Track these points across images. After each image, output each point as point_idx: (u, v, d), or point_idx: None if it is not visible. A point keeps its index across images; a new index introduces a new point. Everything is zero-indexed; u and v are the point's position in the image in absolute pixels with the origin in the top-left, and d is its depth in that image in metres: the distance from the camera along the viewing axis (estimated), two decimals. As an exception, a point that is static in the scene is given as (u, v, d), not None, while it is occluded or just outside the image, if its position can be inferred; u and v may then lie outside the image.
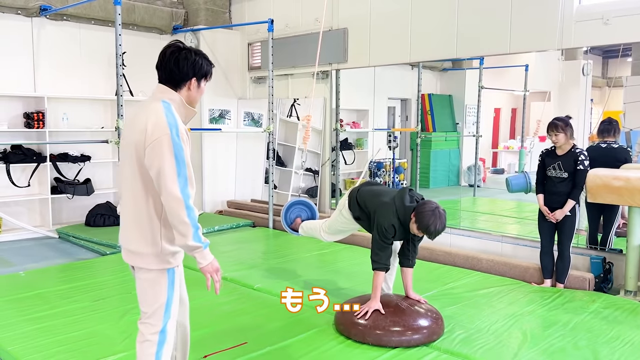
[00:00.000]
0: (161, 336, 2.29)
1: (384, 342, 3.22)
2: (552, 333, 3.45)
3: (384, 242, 3.37)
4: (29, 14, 6.52)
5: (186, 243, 2.13)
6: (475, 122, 7.40)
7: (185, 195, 2.11)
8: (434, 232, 3.19)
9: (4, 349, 3.20)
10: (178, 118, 2.18)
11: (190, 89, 2.27)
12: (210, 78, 2.35)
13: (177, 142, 2.11)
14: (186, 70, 2.24)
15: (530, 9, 5.02)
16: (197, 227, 2.14)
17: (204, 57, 2.31)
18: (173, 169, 2.09)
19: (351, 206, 3.73)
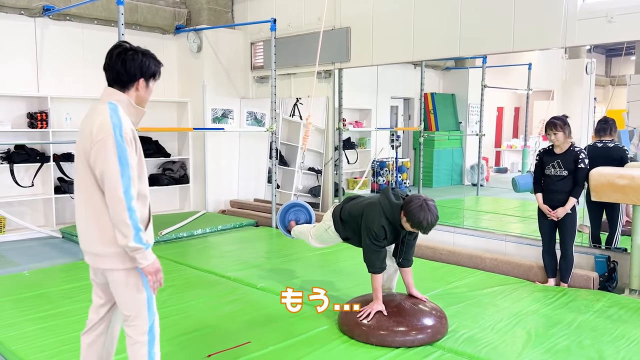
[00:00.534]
0: (150, 335, 2.30)
1: (388, 342, 3.21)
2: (557, 332, 3.43)
3: (376, 245, 3.28)
4: (32, 14, 6.53)
5: (127, 244, 2.12)
6: (478, 121, 7.39)
7: (128, 196, 2.11)
8: (427, 226, 3.11)
9: (8, 349, 3.20)
10: (124, 119, 2.18)
11: (138, 90, 2.28)
12: (158, 78, 2.36)
13: (121, 143, 2.12)
14: (133, 71, 2.24)
15: (533, 7, 5.00)
16: (139, 229, 2.13)
17: (152, 57, 2.32)
18: (116, 169, 2.10)
19: (337, 227, 3.64)
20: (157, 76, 2.34)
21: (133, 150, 2.18)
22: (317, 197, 7.32)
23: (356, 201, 3.58)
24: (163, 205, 7.84)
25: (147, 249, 2.17)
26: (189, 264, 5.09)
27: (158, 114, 7.75)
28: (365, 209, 3.36)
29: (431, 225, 3.12)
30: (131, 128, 2.20)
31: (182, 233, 6.32)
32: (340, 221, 3.60)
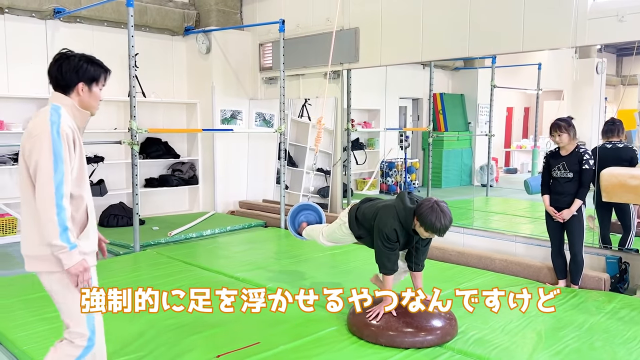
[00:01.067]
0: (89, 343, 2.29)
1: (397, 343, 3.21)
2: (568, 334, 3.41)
3: (387, 248, 3.27)
4: (43, 16, 6.59)
5: (51, 242, 2.10)
6: (487, 122, 7.35)
7: (59, 193, 2.10)
8: (441, 228, 3.06)
9: (19, 348, 3.23)
10: (64, 119, 2.19)
11: (80, 94, 2.29)
12: (103, 82, 2.36)
13: (57, 139, 2.12)
14: (70, 76, 2.27)
15: (543, 7, 4.97)
16: (66, 228, 2.11)
17: (92, 62, 2.33)
18: (50, 165, 2.10)
19: (351, 225, 3.64)
20: (100, 81, 2.35)
21: (71, 150, 2.18)
22: (325, 198, 7.32)
23: (372, 203, 3.59)
24: (172, 206, 7.87)
25: (71, 249, 2.13)
26: (198, 265, 5.10)
27: (167, 115, 7.80)
28: (380, 211, 3.36)
29: (445, 226, 3.06)
30: (71, 127, 2.20)
31: (191, 234, 6.34)
32: (355, 220, 3.60)
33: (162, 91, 7.69)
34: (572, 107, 6.48)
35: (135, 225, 5.59)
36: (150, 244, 5.87)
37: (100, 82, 2.35)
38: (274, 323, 3.60)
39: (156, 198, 7.62)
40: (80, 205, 2.26)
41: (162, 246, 5.89)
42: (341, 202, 7.14)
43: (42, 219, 2.11)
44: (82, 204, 2.28)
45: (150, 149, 7.44)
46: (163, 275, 4.73)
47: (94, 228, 2.35)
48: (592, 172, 4.22)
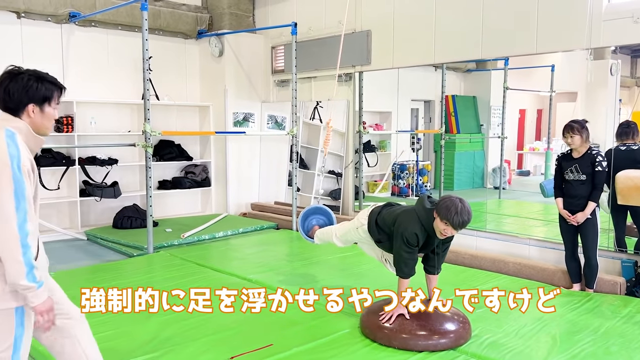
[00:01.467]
0: None
1: (410, 346, 3.20)
2: (583, 338, 3.38)
3: (407, 252, 3.25)
4: (58, 20, 6.68)
5: (18, 282, 2.02)
6: (500, 124, 7.32)
7: (23, 232, 2.01)
8: (458, 221, 3.03)
9: (36, 348, 3.26)
10: (22, 149, 2.04)
11: (31, 116, 2.12)
12: (56, 101, 2.19)
13: (18, 175, 1.99)
14: (18, 97, 2.10)
15: (557, 8, 4.94)
16: (32, 267, 2.03)
17: (43, 80, 2.16)
18: (11, 203, 1.98)
19: (370, 229, 3.61)
20: (53, 100, 2.18)
21: (30, 183, 2.06)
22: (337, 200, 7.32)
23: (393, 208, 3.57)
24: (185, 208, 7.93)
25: (39, 287, 2.05)
26: (211, 266, 5.13)
27: (180, 118, 7.86)
28: (400, 216, 3.35)
29: (461, 220, 3.03)
30: (30, 159, 2.08)
31: (204, 235, 6.38)
32: (375, 224, 3.57)
33: (175, 94, 7.76)
34: (586, 109, 6.43)
35: (149, 227, 5.64)
36: (163, 246, 5.92)
37: (53, 101, 2.18)
38: (286, 325, 3.61)
39: (169, 200, 7.67)
40: (34, 235, 2.13)
41: (175, 248, 5.93)
42: (353, 204, 7.14)
43: (6, 258, 2.01)
44: (36, 237, 2.16)
45: (163, 152, 7.50)
46: (177, 277, 4.76)
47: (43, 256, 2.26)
48: (606, 174, 4.18)
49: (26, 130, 2.11)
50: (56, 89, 2.20)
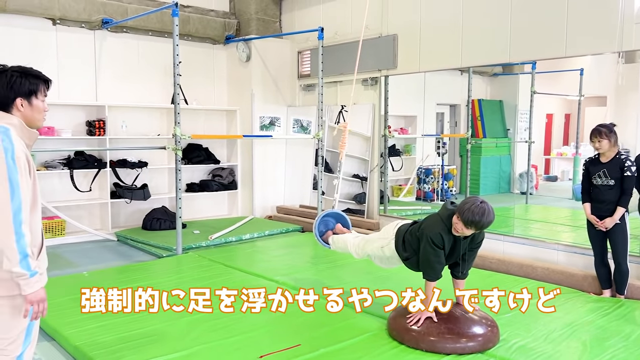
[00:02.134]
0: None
1: (438, 348, 3.21)
2: (614, 344, 3.34)
3: (432, 253, 3.26)
4: (91, 26, 6.87)
5: (11, 269, 2.08)
6: (527, 128, 7.25)
7: (17, 220, 2.08)
8: (479, 224, 3.05)
9: (72, 344, 3.38)
10: (17, 142, 2.14)
11: (20, 110, 2.22)
12: (42, 93, 2.28)
13: (12, 165, 2.08)
14: (4, 93, 2.20)
15: (587, 11, 4.89)
16: (26, 255, 2.09)
17: (27, 74, 2.25)
18: (6, 193, 2.07)
19: (398, 248, 3.61)
20: (39, 93, 2.26)
21: (26, 174, 2.14)
22: (361, 204, 7.34)
23: (418, 224, 3.56)
24: (212, 210, 8.05)
25: (31, 276, 2.12)
26: (239, 268, 5.21)
27: (208, 122, 7.99)
28: (425, 221, 3.39)
29: (480, 221, 3.05)
30: (24, 151, 2.16)
31: (231, 237, 6.47)
32: (402, 242, 3.57)
33: (203, 98, 7.89)
34: (616, 113, 6.35)
35: (178, 229, 5.75)
36: (191, 247, 6.02)
37: (40, 93, 2.27)
38: (314, 326, 3.65)
39: (196, 202, 7.80)
40: (36, 229, 2.23)
41: (203, 249, 6.03)
42: (378, 208, 7.15)
43: (2, 245, 2.07)
44: (38, 228, 2.26)
45: (191, 155, 7.63)
46: (206, 277, 4.85)
47: (45, 252, 2.33)
48: (634, 178, 4.12)
49: (19, 125, 2.21)
50: (41, 81, 2.29)
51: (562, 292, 4.40)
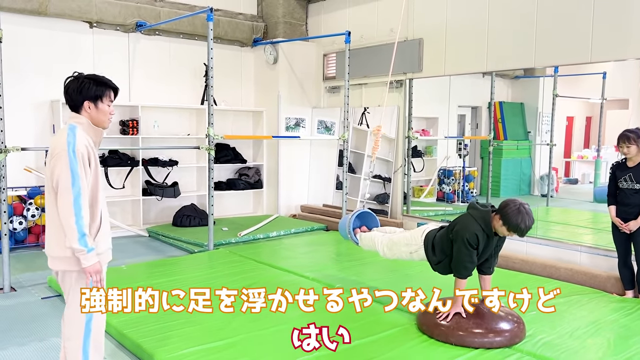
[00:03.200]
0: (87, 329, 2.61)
1: (467, 342, 3.36)
2: (637, 342, 3.46)
3: (466, 253, 3.39)
4: (126, 29, 7.12)
5: (72, 245, 2.44)
6: (548, 131, 7.33)
7: (77, 205, 2.43)
8: (525, 229, 3.24)
9: (120, 332, 3.59)
10: (80, 138, 2.49)
11: (88, 111, 2.57)
12: (108, 98, 2.60)
13: (72, 158, 2.44)
14: (75, 97, 2.56)
15: (612, 17, 5.00)
16: (84, 234, 2.44)
17: (96, 81, 2.59)
18: (68, 180, 2.43)
19: (428, 254, 3.71)
20: (105, 97, 2.59)
21: (86, 166, 2.49)
22: (383, 205, 7.49)
23: (446, 227, 3.69)
24: (238, 208, 8.26)
25: (89, 252, 2.46)
26: (269, 264, 5.40)
27: (235, 123, 8.21)
28: (458, 224, 3.50)
29: (528, 227, 3.24)
30: (86, 145, 2.50)
31: (258, 235, 6.67)
32: (431, 247, 3.69)
33: (231, 99, 8.11)
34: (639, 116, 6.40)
35: (210, 225, 5.97)
36: (221, 243, 6.24)
37: (105, 98, 2.60)
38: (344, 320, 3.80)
39: (224, 200, 8.01)
40: (95, 213, 2.57)
41: (232, 245, 6.24)
42: (401, 208, 7.30)
43: (64, 226, 2.45)
44: (97, 211, 2.59)
45: (219, 154, 7.85)
46: (238, 272, 5.05)
47: (108, 230, 2.68)
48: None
49: (86, 123, 2.58)
50: (107, 88, 2.62)
51: (585, 292, 4.52)
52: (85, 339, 2.62)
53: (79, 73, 2.65)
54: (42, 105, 6.60)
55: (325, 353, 3.25)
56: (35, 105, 6.57)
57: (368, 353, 3.31)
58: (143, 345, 3.39)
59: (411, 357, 3.24)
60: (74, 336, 2.62)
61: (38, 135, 6.56)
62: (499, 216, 3.33)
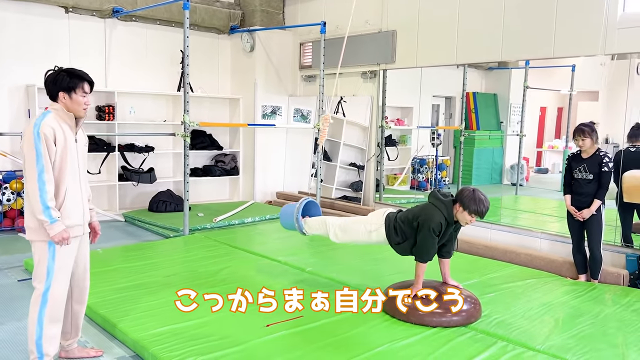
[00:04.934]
0: (43, 298, 2.86)
1: (426, 322, 3.57)
2: (583, 321, 3.72)
3: (431, 241, 3.63)
4: (102, 15, 7.13)
5: (37, 217, 2.75)
6: (519, 121, 7.56)
7: (41, 180, 2.73)
8: (485, 210, 3.54)
9: (97, 312, 3.72)
10: (48, 121, 2.77)
11: (63, 101, 2.85)
12: (82, 90, 2.85)
13: (36, 138, 2.73)
14: (51, 87, 2.86)
15: (574, 15, 5.22)
16: (47, 207, 2.74)
17: (70, 74, 2.86)
18: (33, 158, 2.73)
19: (389, 234, 3.86)
20: (77, 89, 2.84)
21: (50, 145, 2.75)
22: (357, 192, 7.69)
23: (408, 210, 3.90)
24: (214, 194, 8.38)
25: (52, 222, 2.75)
26: (243, 248, 5.55)
27: (212, 109, 8.28)
28: (422, 211, 3.71)
29: (487, 208, 3.54)
30: (52, 127, 2.77)
31: (234, 220, 6.81)
32: (393, 228, 3.86)
33: (208, 86, 8.17)
34: (608, 108, 6.62)
35: (185, 211, 6.09)
36: (197, 229, 6.36)
37: (79, 90, 2.85)
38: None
39: (200, 186, 8.12)
40: (60, 190, 2.83)
41: (207, 231, 6.37)
42: (374, 196, 7.50)
43: (31, 199, 2.76)
44: (62, 189, 2.84)
45: (195, 141, 7.93)
46: (212, 256, 5.20)
47: (76, 207, 2.92)
48: (611, 174, 4.49)
49: (60, 109, 2.86)
50: (81, 80, 2.88)
51: (542, 276, 4.79)
52: (42, 308, 2.86)
53: (59, 67, 2.89)
54: (18, 90, 6.60)
55: (290, 332, 3.45)
56: (11, 90, 6.57)
57: (331, 331, 3.49)
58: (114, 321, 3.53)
59: (373, 335, 3.43)
60: (32, 305, 2.88)
61: (13, 120, 6.58)
62: (459, 204, 3.56)
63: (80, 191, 2.95)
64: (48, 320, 2.87)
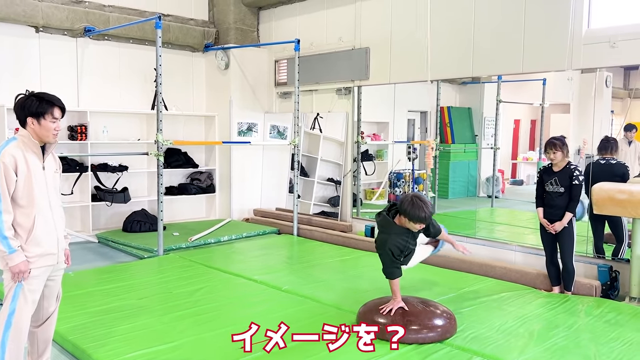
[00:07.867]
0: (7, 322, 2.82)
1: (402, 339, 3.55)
2: (557, 333, 3.75)
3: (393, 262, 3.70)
4: (74, 34, 7.06)
5: None
6: (493, 135, 7.68)
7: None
8: (427, 216, 3.52)
9: (66, 338, 3.63)
10: (10, 149, 2.73)
11: (32, 127, 2.79)
12: (51, 116, 2.78)
13: None
14: (19, 113, 2.80)
15: (542, 32, 5.35)
16: (5, 237, 2.70)
17: (40, 99, 2.79)
18: None
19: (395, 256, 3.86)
20: (46, 115, 2.78)
21: (9, 175, 2.70)
22: (335, 207, 7.69)
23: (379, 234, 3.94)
24: (190, 213, 8.29)
25: (10, 253, 2.71)
26: (219, 268, 5.49)
27: (187, 127, 8.23)
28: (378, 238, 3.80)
29: (428, 213, 3.52)
30: (13, 155, 2.72)
31: (210, 239, 6.74)
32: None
33: (183, 104, 8.13)
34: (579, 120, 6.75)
35: (159, 230, 6.00)
36: (172, 249, 6.27)
37: (48, 115, 2.78)
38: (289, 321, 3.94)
39: (175, 205, 8.02)
40: (29, 215, 2.77)
41: (183, 250, 6.29)
42: (351, 211, 7.51)
43: None
44: (31, 217, 2.78)
45: (171, 159, 7.86)
46: (187, 277, 5.12)
47: (47, 235, 2.85)
48: (581, 187, 4.56)
49: (26, 136, 2.80)
50: (51, 106, 2.80)
51: (517, 289, 4.82)
52: (5, 331, 2.81)
53: (29, 92, 2.83)
54: (-14, 110, 6.48)
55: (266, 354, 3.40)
56: (-21, 111, 6.43)
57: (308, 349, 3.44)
58: (84, 347, 3.44)
59: (347, 353, 3.40)
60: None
61: (-19, 141, 6.43)
62: (402, 216, 3.60)
63: (53, 219, 2.88)
64: (11, 343, 2.83)
